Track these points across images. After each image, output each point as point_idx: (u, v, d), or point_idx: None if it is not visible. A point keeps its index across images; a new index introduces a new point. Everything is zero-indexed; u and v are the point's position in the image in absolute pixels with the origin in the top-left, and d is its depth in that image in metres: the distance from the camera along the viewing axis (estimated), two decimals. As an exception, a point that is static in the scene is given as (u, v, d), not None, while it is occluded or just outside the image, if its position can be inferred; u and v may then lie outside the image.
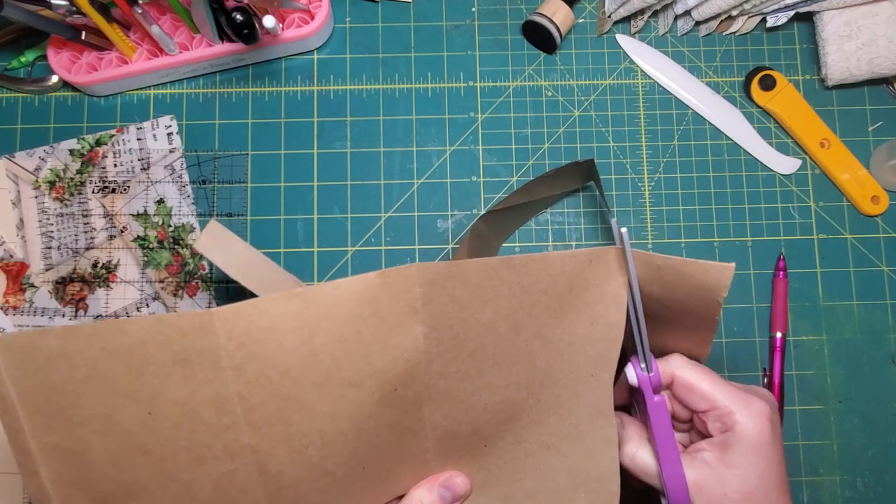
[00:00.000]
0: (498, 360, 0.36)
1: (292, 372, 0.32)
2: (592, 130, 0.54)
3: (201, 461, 0.32)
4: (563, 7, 0.53)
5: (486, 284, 0.35)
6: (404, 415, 0.35)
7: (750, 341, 0.52)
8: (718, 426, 0.37)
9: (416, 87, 0.55)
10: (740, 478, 0.36)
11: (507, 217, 0.51)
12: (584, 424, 0.38)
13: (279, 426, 0.32)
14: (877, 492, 0.51)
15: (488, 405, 0.37)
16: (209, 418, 0.31)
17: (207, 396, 0.31)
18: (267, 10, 0.48)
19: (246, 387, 0.31)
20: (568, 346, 0.38)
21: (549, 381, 0.38)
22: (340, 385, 0.32)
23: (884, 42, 0.52)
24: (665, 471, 0.36)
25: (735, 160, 0.54)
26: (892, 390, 0.52)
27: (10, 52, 0.54)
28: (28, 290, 0.51)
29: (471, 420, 0.37)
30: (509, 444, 0.39)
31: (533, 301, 0.36)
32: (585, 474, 0.38)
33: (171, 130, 0.53)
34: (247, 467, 0.32)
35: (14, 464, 0.49)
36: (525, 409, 0.38)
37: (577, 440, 0.38)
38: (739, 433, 0.36)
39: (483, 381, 0.36)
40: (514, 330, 0.36)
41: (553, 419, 0.38)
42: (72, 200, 0.52)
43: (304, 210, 0.53)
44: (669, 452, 0.37)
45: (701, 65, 0.56)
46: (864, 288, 0.53)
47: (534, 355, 0.37)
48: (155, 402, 0.31)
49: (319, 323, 0.32)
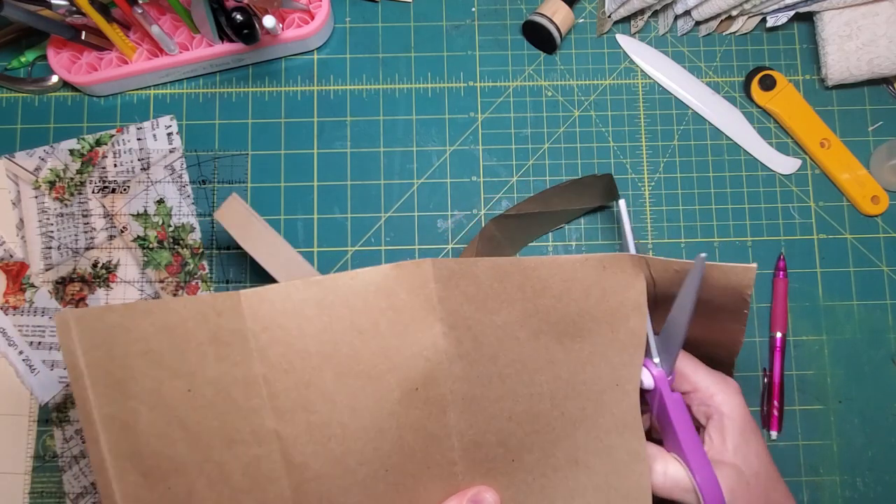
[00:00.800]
0: (519, 368, 0.36)
1: (313, 358, 0.33)
2: (592, 130, 0.54)
3: (231, 443, 0.33)
4: (563, 7, 0.53)
5: (497, 286, 0.35)
6: (428, 419, 0.35)
7: (750, 341, 0.52)
8: (703, 410, 0.38)
9: (416, 87, 0.55)
10: (746, 462, 0.36)
11: (521, 224, 0.51)
12: (611, 437, 0.38)
13: (302, 413, 0.33)
14: (877, 492, 0.51)
15: (513, 415, 0.36)
16: (239, 400, 0.33)
17: (237, 377, 0.32)
18: (267, 10, 0.48)
19: (270, 370, 0.33)
20: (590, 355, 0.37)
21: (572, 391, 0.37)
22: (359, 377, 0.33)
23: (884, 42, 0.52)
24: (697, 474, 0.35)
25: (735, 160, 0.54)
26: (892, 390, 0.52)
27: (10, 52, 0.54)
28: (28, 290, 0.51)
29: (496, 430, 0.36)
30: (536, 458, 0.38)
31: (547, 307, 0.36)
32: (614, 491, 0.37)
33: (171, 130, 0.53)
34: (272, 454, 0.33)
35: (14, 464, 0.49)
36: (550, 422, 0.37)
37: (604, 454, 0.38)
38: (728, 415, 0.37)
39: (506, 388, 0.36)
40: (533, 336, 0.36)
41: (580, 432, 0.38)
42: (72, 200, 0.52)
43: (304, 210, 0.53)
44: (696, 451, 0.36)
45: (701, 65, 0.56)
46: (864, 288, 0.53)
47: (556, 364, 0.37)
48: (194, 379, 0.32)
49: (338, 311, 0.33)
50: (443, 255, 0.53)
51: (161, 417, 0.32)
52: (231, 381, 0.32)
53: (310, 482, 0.33)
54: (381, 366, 0.33)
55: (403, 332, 0.34)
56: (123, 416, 0.32)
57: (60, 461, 0.49)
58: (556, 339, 0.37)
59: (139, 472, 0.32)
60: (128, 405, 0.32)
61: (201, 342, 0.32)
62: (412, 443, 0.35)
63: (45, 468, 0.49)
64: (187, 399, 0.32)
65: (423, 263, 0.33)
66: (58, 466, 0.49)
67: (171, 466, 0.33)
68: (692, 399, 0.39)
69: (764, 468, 0.37)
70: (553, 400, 0.37)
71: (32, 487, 0.49)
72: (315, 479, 0.33)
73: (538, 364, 0.37)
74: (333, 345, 0.33)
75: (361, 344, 0.33)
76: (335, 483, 0.34)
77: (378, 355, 0.33)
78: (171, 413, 0.32)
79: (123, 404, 0.32)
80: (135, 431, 0.32)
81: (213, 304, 0.32)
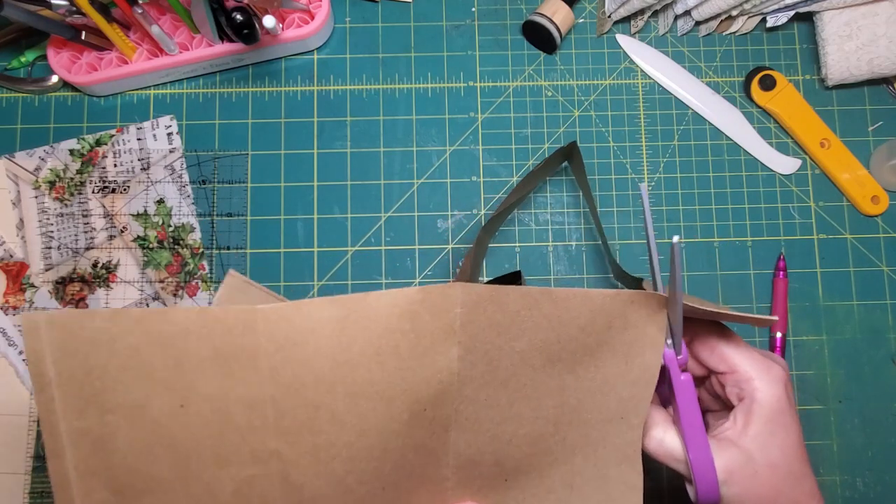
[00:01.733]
0: (529, 393, 0.36)
1: (326, 378, 0.31)
2: (592, 130, 0.54)
3: (225, 463, 0.31)
4: (563, 7, 0.53)
5: (525, 314, 0.34)
6: (430, 437, 0.34)
7: (750, 341, 0.52)
8: (736, 392, 0.37)
9: (416, 87, 0.55)
10: (764, 451, 0.35)
11: (500, 218, 0.51)
12: (609, 468, 0.37)
13: (308, 436, 0.32)
14: (877, 492, 0.51)
15: (514, 438, 0.36)
16: (239, 419, 0.31)
17: (241, 396, 0.31)
18: (267, 10, 0.48)
19: (280, 390, 0.31)
20: (601, 385, 0.37)
21: (577, 419, 0.37)
22: (372, 399, 0.32)
23: (884, 42, 0.52)
24: (692, 452, 0.35)
25: (735, 160, 0.54)
26: (892, 390, 0.52)
27: (10, 52, 0.54)
28: (28, 290, 0.51)
29: (494, 451, 0.36)
30: (531, 480, 0.37)
31: (570, 336, 0.35)
32: None
33: (171, 130, 0.53)
34: (269, 475, 0.32)
35: (14, 464, 0.49)
36: (551, 446, 0.37)
37: (600, 483, 0.38)
38: (760, 401, 0.35)
39: (512, 412, 0.36)
40: (548, 363, 0.36)
41: (578, 459, 0.38)
42: (72, 200, 0.52)
43: (304, 210, 0.53)
44: (696, 433, 0.36)
45: (701, 65, 0.56)
46: (864, 288, 0.53)
47: (565, 391, 0.36)
48: (189, 395, 0.30)
49: (359, 332, 0.31)
50: (442, 255, 0.53)
51: (143, 433, 0.30)
52: (234, 400, 0.31)
53: (306, 502, 0.33)
54: (395, 388, 0.32)
55: (422, 355, 0.33)
56: (98, 430, 0.30)
57: (60, 461, 0.49)
58: (569, 368, 0.36)
59: (110, 490, 0.31)
60: (104, 420, 0.30)
61: (203, 357, 0.30)
62: (412, 460, 0.34)
63: (45, 468, 0.49)
64: (178, 415, 0.31)
65: (453, 288, 0.32)
66: (58, 466, 0.49)
67: (149, 485, 0.31)
68: (727, 380, 0.37)
69: (787, 463, 0.35)
70: (557, 425, 0.37)
71: (32, 487, 0.49)
72: (311, 499, 0.33)
73: (548, 390, 0.36)
74: (350, 365, 0.31)
75: (378, 366, 0.32)
76: (332, 503, 0.33)
77: (394, 377, 0.32)
78: (157, 429, 0.31)
79: (99, 419, 0.30)
80: (110, 447, 0.30)
81: (223, 318, 0.30)
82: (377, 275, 0.52)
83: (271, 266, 0.52)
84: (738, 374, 0.37)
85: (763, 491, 0.35)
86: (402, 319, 0.32)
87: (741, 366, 0.36)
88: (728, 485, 0.35)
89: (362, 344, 0.32)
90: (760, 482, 0.35)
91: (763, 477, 0.35)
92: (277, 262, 0.52)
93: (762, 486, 0.35)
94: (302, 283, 0.52)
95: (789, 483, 0.35)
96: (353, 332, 0.31)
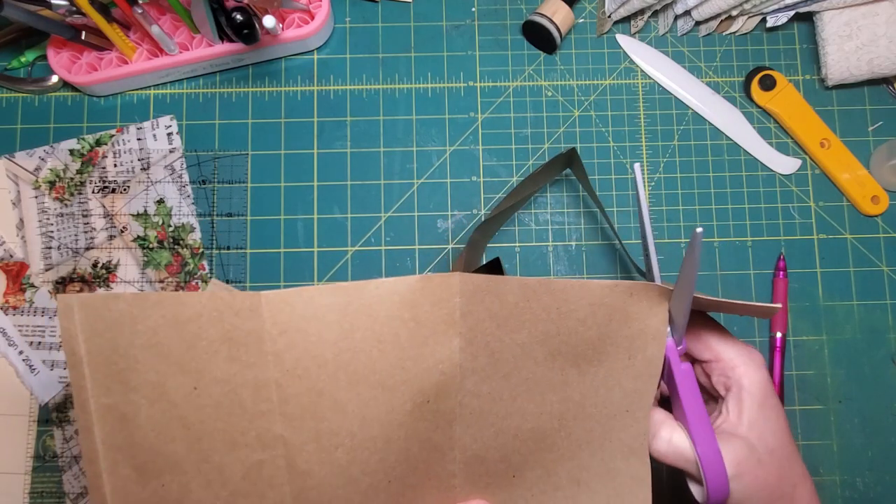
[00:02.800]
0: (531, 387, 0.36)
1: (329, 365, 0.32)
2: (592, 130, 0.54)
3: (234, 446, 0.32)
4: (563, 7, 0.53)
5: (523, 305, 0.34)
6: (435, 431, 0.35)
7: (750, 341, 0.52)
8: (723, 381, 0.37)
9: (416, 87, 0.55)
10: (761, 438, 0.35)
11: (499, 220, 0.51)
12: (616, 461, 0.38)
13: (311, 421, 0.32)
14: (877, 492, 0.51)
15: (519, 432, 0.36)
16: (247, 402, 0.32)
17: (248, 379, 0.32)
18: (267, 10, 0.48)
19: (284, 375, 0.32)
20: (604, 379, 0.37)
21: (582, 413, 0.37)
22: (374, 387, 0.33)
23: (884, 42, 0.52)
24: (700, 447, 0.35)
25: (735, 160, 0.54)
26: (892, 390, 0.52)
27: (10, 52, 0.54)
28: (28, 290, 0.51)
29: (500, 446, 0.36)
30: (538, 476, 0.37)
31: (570, 329, 0.36)
32: None
33: (171, 130, 0.53)
34: (276, 460, 0.33)
35: (14, 464, 0.49)
36: (556, 441, 0.37)
37: (608, 478, 0.38)
38: (748, 388, 0.36)
39: (515, 406, 0.36)
40: (550, 357, 0.36)
41: (584, 454, 0.38)
42: (72, 200, 0.52)
43: (304, 210, 0.53)
44: (701, 424, 0.35)
45: (701, 65, 0.56)
46: (864, 288, 0.53)
47: (568, 385, 0.37)
48: (201, 377, 0.32)
49: (360, 319, 0.32)
50: (442, 255, 0.53)
51: (162, 413, 0.32)
52: (241, 383, 0.32)
53: (311, 490, 0.33)
54: (396, 377, 0.33)
55: (422, 344, 0.33)
56: (122, 407, 0.32)
57: (60, 461, 0.49)
58: (572, 362, 0.36)
59: (132, 467, 0.32)
60: (128, 397, 0.32)
61: (213, 340, 0.32)
62: (417, 454, 0.35)
63: (45, 468, 0.49)
64: (192, 397, 0.32)
65: (451, 277, 0.33)
66: (58, 466, 0.49)
67: (167, 464, 0.32)
68: (713, 369, 0.37)
69: (780, 446, 0.36)
70: (561, 420, 0.37)
71: (32, 487, 0.49)
72: (317, 487, 0.33)
73: (551, 384, 0.36)
74: (352, 353, 0.32)
75: (380, 354, 0.33)
76: (337, 492, 0.33)
77: (395, 366, 0.33)
78: (174, 409, 0.32)
79: (124, 396, 0.31)
80: (133, 425, 0.32)
81: (231, 302, 0.31)
82: (377, 275, 0.52)
83: (271, 266, 0.52)
84: (723, 363, 0.37)
85: (769, 479, 0.35)
86: (403, 307, 0.33)
87: (725, 353, 0.37)
88: (738, 478, 0.35)
89: (363, 331, 0.32)
90: (766, 470, 0.35)
91: (766, 464, 0.35)
92: (277, 262, 0.52)
93: (768, 473, 0.35)
94: (302, 283, 0.52)
95: (786, 466, 0.36)
96: (354, 319, 0.32)
